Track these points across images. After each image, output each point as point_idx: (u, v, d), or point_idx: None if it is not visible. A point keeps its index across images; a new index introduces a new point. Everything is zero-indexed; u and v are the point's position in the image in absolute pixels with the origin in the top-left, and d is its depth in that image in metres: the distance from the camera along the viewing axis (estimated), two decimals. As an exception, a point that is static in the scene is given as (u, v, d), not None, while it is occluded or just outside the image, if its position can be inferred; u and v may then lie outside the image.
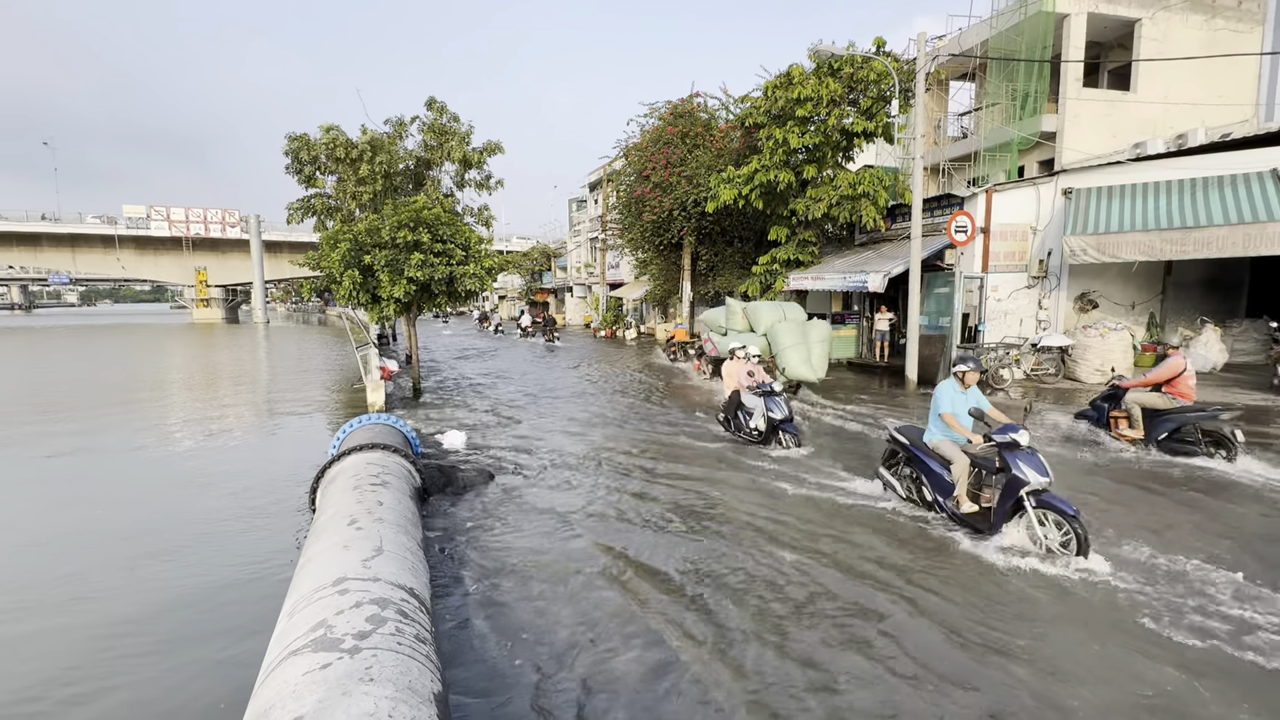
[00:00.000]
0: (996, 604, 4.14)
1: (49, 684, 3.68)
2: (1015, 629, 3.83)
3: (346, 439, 6.65)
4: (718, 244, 21.80)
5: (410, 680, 2.50)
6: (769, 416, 8.26)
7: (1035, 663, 3.48)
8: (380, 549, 3.73)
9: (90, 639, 4.17)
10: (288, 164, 18.17)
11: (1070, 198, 12.92)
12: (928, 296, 13.41)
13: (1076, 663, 3.48)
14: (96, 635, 4.20)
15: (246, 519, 6.25)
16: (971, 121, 20.51)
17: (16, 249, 50.46)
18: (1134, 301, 13.87)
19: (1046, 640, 3.71)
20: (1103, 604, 4.11)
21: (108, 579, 5.05)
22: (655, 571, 4.73)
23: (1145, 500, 6.12)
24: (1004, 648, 3.63)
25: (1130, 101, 16.99)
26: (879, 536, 5.28)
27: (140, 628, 4.28)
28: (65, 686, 3.66)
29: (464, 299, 12.37)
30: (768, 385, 8.48)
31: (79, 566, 5.30)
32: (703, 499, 6.37)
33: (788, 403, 8.42)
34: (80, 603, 4.67)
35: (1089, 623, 3.89)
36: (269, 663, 2.75)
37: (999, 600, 4.20)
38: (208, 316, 54.79)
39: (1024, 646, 3.64)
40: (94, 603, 4.66)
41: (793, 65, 14.57)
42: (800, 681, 3.37)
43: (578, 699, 3.30)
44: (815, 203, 14.86)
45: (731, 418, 8.98)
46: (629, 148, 21.36)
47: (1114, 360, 12.06)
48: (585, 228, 39.83)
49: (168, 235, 51.78)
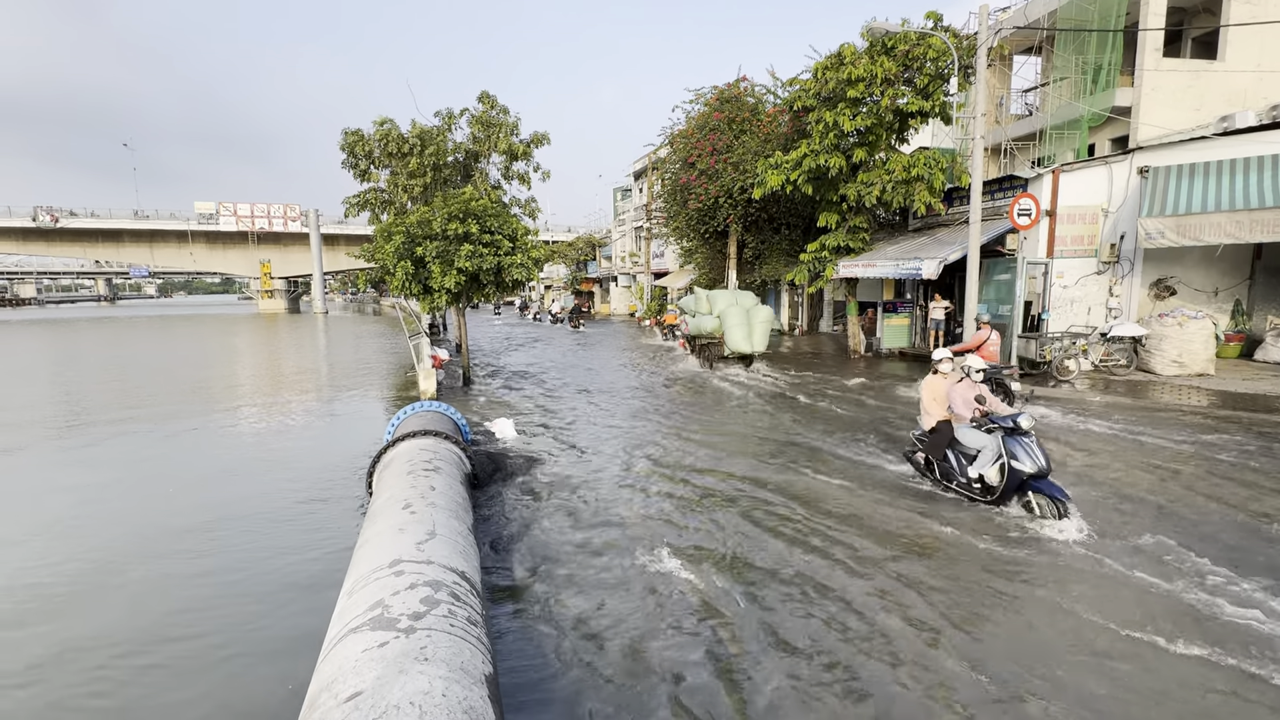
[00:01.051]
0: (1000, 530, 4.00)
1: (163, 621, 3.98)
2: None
3: (400, 425, 6.86)
4: (764, 231, 21.41)
5: (463, 661, 2.57)
6: (1012, 467, 5.39)
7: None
8: (433, 533, 3.84)
9: (195, 582, 4.55)
10: (344, 159, 18.78)
11: (1147, 177, 12.08)
12: (987, 284, 12.83)
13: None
14: (199, 579, 4.60)
15: (310, 495, 6.56)
16: (1037, 98, 19.37)
17: (102, 244, 54.15)
18: (1217, 288, 12.91)
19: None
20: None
21: (190, 543, 5.40)
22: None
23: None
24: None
25: (1217, 71, 15.69)
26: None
27: (223, 580, 4.58)
28: (175, 624, 3.96)
29: (511, 289, 12.55)
30: (1009, 420, 5.50)
31: (164, 531, 5.69)
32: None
33: (1041, 446, 5.42)
34: (172, 558, 5.01)
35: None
36: (330, 638, 2.87)
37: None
38: (272, 307, 57.56)
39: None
40: (184, 559, 5.01)
41: (844, 45, 14.06)
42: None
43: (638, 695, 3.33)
44: (867, 187, 14.36)
45: (938, 459, 6.23)
46: (674, 135, 21.16)
47: (1193, 351, 11.27)
48: (630, 217, 39.77)
49: (235, 230, 54.54)
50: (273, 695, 3.51)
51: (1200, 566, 4.43)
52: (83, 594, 4.74)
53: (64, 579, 4.96)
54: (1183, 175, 11.67)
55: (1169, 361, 11.36)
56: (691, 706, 3.18)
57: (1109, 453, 7.23)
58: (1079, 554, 4.70)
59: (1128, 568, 4.46)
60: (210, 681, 3.66)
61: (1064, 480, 5.85)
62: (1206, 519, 5.30)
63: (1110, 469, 6.65)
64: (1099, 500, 5.77)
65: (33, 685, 3.65)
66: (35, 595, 4.72)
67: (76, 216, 51.82)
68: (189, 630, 4.19)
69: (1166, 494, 5.90)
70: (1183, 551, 4.67)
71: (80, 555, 5.41)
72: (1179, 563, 4.51)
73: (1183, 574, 4.35)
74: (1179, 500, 5.73)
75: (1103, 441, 7.69)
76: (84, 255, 55.28)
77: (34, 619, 4.39)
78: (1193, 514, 5.41)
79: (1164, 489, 6.03)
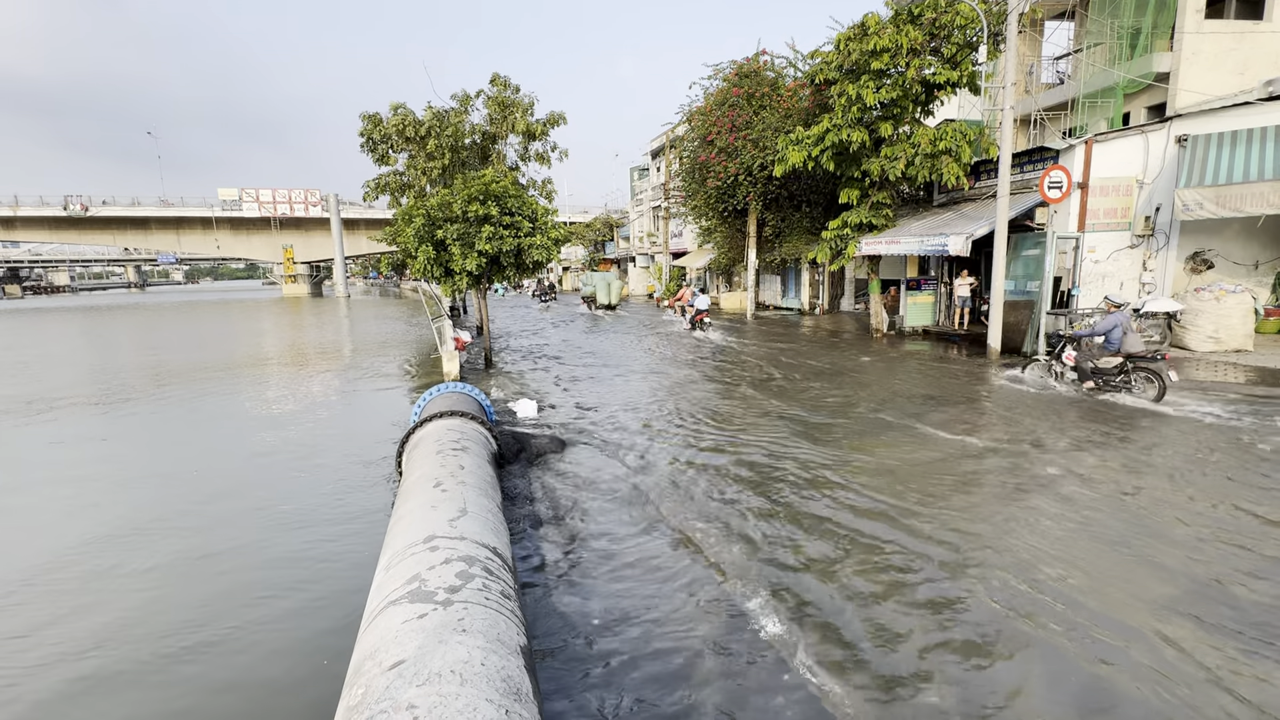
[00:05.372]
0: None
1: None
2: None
3: (427, 406, 6.98)
4: (785, 209, 21.12)
5: (499, 633, 2.65)
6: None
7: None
8: (465, 510, 3.93)
9: (230, 555, 4.66)
10: (362, 143, 18.88)
11: (1185, 146, 11.65)
12: (1015, 259, 12.55)
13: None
14: (233, 552, 4.70)
15: (341, 475, 6.73)
16: (1069, 65, 18.69)
17: (130, 232, 55.33)
18: (1258, 260, 12.47)
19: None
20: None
21: (231, 518, 5.60)
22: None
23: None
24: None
25: (1264, 32, 14.98)
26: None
27: (259, 556, 4.75)
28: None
29: (531, 270, 12.59)
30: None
31: (201, 505, 5.89)
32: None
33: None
34: (212, 530, 5.20)
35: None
36: (371, 610, 2.97)
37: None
38: (295, 291, 58.52)
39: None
40: (222, 530, 5.20)
41: (868, 14, 13.66)
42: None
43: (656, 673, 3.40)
44: (892, 162, 14.05)
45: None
46: (692, 112, 20.87)
47: (1231, 326, 10.94)
48: (647, 196, 39.47)
49: (258, 215, 55.30)
50: (309, 667, 3.65)
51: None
52: (110, 570, 4.94)
53: (94, 555, 5.18)
54: (1224, 143, 11.23)
55: (1205, 337, 11.05)
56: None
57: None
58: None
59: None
60: (249, 658, 3.81)
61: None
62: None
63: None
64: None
65: (91, 657, 3.83)
66: (87, 573, 4.93)
67: (106, 205, 52.95)
68: (225, 602, 4.35)
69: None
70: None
71: (114, 529, 5.63)
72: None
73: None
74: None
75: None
76: (113, 243, 56.55)
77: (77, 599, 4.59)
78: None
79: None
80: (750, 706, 3.03)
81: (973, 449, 6.68)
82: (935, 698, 3.01)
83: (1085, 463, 6.11)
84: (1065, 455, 6.35)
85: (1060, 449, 6.54)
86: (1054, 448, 6.59)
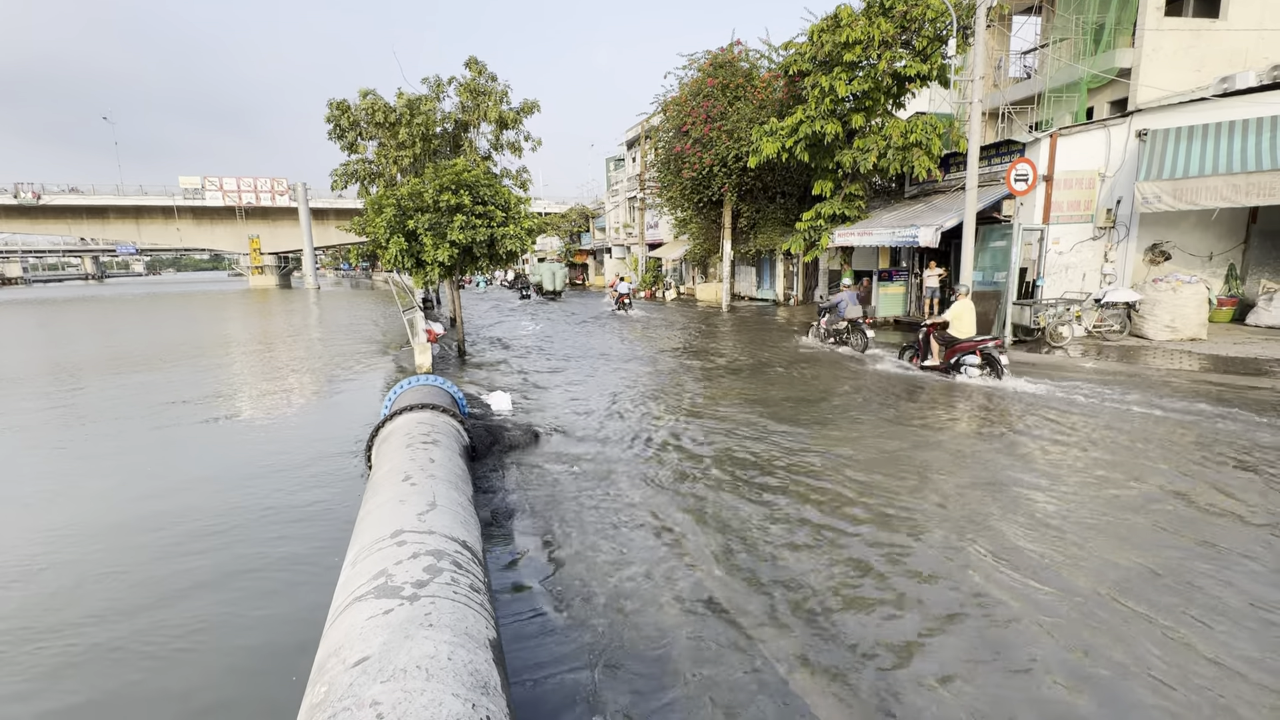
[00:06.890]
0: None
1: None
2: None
3: (397, 399, 6.87)
4: (760, 200, 21.23)
5: (467, 626, 2.62)
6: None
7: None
8: (434, 504, 3.88)
9: (193, 549, 4.55)
10: (329, 130, 18.40)
11: (1145, 140, 11.98)
12: (982, 250, 12.81)
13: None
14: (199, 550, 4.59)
15: (309, 470, 6.60)
16: (1036, 60, 19.06)
17: (87, 221, 53.21)
18: (1212, 252, 12.92)
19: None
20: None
21: (194, 509, 5.46)
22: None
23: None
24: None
25: (1219, 30, 15.44)
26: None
27: (215, 549, 4.64)
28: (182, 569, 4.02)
29: (505, 261, 12.44)
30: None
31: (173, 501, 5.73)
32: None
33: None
34: (171, 529, 5.06)
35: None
36: (336, 607, 2.92)
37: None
38: (263, 283, 56.99)
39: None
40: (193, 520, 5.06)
41: (840, 6, 13.75)
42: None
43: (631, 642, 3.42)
44: (864, 154, 14.20)
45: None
46: (667, 102, 20.80)
47: (1186, 315, 11.33)
48: (623, 187, 39.29)
49: (221, 205, 53.64)
50: (276, 670, 3.58)
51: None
52: (79, 563, 4.79)
53: (60, 548, 5.01)
54: (1181, 138, 11.58)
55: (1162, 326, 11.43)
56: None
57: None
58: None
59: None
60: (213, 660, 3.73)
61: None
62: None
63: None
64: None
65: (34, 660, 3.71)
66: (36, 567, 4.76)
67: (60, 193, 50.82)
68: (188, 598, 4.25)
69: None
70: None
71: (83, 520, 5.45)
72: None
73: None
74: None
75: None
76: (69, 233, 54.36)
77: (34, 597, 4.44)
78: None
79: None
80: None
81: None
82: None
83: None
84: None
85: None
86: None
